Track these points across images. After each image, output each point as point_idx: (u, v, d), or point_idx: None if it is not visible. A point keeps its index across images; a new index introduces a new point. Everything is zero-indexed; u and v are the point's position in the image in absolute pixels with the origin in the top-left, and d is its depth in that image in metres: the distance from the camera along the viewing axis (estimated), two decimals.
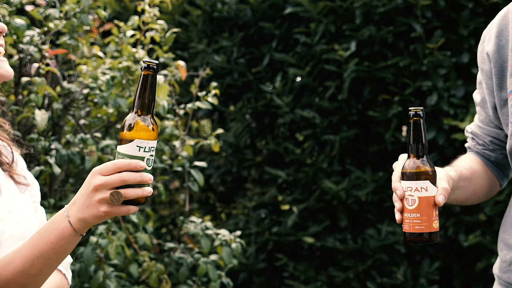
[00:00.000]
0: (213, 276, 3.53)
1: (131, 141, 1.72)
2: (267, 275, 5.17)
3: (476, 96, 2.32)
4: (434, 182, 1.92)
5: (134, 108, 1.75)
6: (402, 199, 1.93)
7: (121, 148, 1.73)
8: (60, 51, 3.48)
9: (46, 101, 3.50)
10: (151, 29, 3.72)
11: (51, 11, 3.47)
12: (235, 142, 5.34)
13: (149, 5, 3.69)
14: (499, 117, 2.23)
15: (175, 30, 3.84)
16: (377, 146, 4.88)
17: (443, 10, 4.70)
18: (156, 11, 3.67)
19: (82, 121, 3.68)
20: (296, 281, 4.91)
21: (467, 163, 2.28)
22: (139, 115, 1.74)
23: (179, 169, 3.75)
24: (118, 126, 3.73)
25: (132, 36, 3.70)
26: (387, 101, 4.89)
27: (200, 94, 3.79)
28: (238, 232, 3.67)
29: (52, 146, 3.35)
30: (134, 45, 3.79)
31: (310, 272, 4.87)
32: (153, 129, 1.74)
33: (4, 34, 1.97)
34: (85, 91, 3.52)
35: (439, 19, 4.73)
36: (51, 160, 3.27)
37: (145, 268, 3.48)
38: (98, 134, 3.59)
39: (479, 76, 2.28)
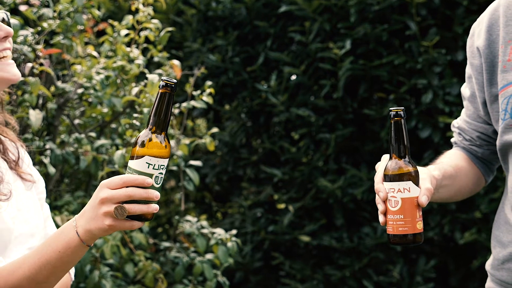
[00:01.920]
0: (209, 275, 3.52)
1: (141, 157, 1.74)
2: (263, 274, 5.17)
3: (465, 90, 2.29)
4: (417, 183, 1.90)
5: (149, 125, 1.76)
6: (385, 201, 1.91)
7: (131, 163, 1.75)
8: (54, 50, 3.47)
9: (41, 101, 3.49)
10: (146, 28, 3.71)
11: (44, 10, 3.46)
12: (231, 141, 5.33)
13: (143, 4, 3.68)
14: (488, 113, 2.21)
15: (170, 29, 3.83)
16: (372, 144, 4.88)
17: (437, 7, 4.70)
18: (150, 10, 3.66)
19: (76, 121, 3.68)
20: (293, 280, 4.91)
21: (452, 160, 2.27)
22: (152, 132, 1.75)
23: (175, 168, 3.75)
24: (113, 125, 3.72)
25: (127, 35, 3.69)
26: (383, 99, 4.89)
27: (195, 93, 3.78)
28: (234, 231, 3.67)
29: (47, 146, 3.34)
30: (129, 44, 3.78)
31: (306, 271, 4.87)
32: (165, 147, 1.75)
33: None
34: (80, 90, 3.51)
35: (434, 17, 4.73)
36: (46, 160, 3.26)
37: (141, 268, 3.48)
38: (93, 134, 3.59)
39: (469, 70, 2.26)
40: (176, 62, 3.75)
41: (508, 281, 2.12)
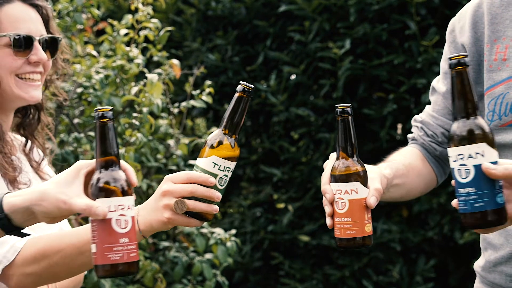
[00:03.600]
0: (208, 275, 3.52)
1: (209, 156, 1.77)
2: (262, 274, 5.17)
3: (439, 86, 2.21)
4: (365, 183, 1.80)
5: (221, 126, 1.79)
6: (332, 203, 1.80)
7: (199, 162, 1.79)
8: None
9: None
10: (145, 28, 3.70)
11: None
12: None
13: (143, 4, 3.67)
14: None
15: (169, 28, 3.83)
16: (372, 144, 4.88)
17: (437, 7, 4.70)
18: (149, 9, 3.66)
19: (76, 120, 3.67)
20: (292, 279, 4.90)
21: (406, 158, 2.18)
22: (224, 134, 1.78)
23: (174, 168, 3.74)
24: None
25: (126, 34, 3.69)
26: (382, 99, 4.89)
27: (194, 92, 3.78)
28: (233, 231, 3.67)
29: (46, 146, 3.33)
30: (128, 43, 3.77)
31: (306, 271, 4.87)
32: (234, 150, 1.79)
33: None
34: (79, 90, 3.51)
35: (434, 16, 4.73)
36: None
37: (140, 267, 3.47)
38: (92, 133, 3.58)
39: (447, 67, 2.19)
40: (175, 61, 3.75)
41: (501, 284, 2.10)
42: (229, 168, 1.78)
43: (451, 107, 2.16)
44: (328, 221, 1.82)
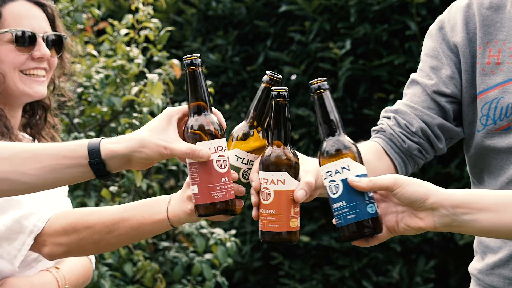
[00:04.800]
0: (208, 275, 3.52)
1: (233, 149, 1.74)
2: (262, 274, 5.17)
3: (424, 80, 2.14)
4: (295, 175, 1.67)
5: (246, 118, 1.74)
6: (259, 193, 1.68)
7: None
8: None
9: None
10: (145, 28, 3.70)
11: None
12: None
13: (143, 4, 3.67)
14: (458, 110, 2.08)
15: (170, 28, 3.83)
16: None
17: (438, 7, 4.70)
18: (150, 9, 3.66)
19: (76, 120, 3.67)
20: (292, 279, 4.90)
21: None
22: (248, 126, 1.74)
23: (174, 168, 3.74)
24: (113, 125, 3.72)
25: (126, 34, 3.69)
26: (382, 99, 4.89)
27: None
28: (233, 231, 3.67)
29: None
30: (128, 43, 3.77)
31: (306, 271, 4.86)
32: (257, 143, 1.73)
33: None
34: (79, 89, 3.51)
35: (434, 17, 4.72)
36: None
37: (140, 267, 3.47)
38: (92, 133, 3.58)
39: (435, 63, 2.13)
40: (176, 61, 3.75)
41: (499, 287, 2.10)
42: (253, 161, 1.72)
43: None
44: (254, 212, 1.71)
